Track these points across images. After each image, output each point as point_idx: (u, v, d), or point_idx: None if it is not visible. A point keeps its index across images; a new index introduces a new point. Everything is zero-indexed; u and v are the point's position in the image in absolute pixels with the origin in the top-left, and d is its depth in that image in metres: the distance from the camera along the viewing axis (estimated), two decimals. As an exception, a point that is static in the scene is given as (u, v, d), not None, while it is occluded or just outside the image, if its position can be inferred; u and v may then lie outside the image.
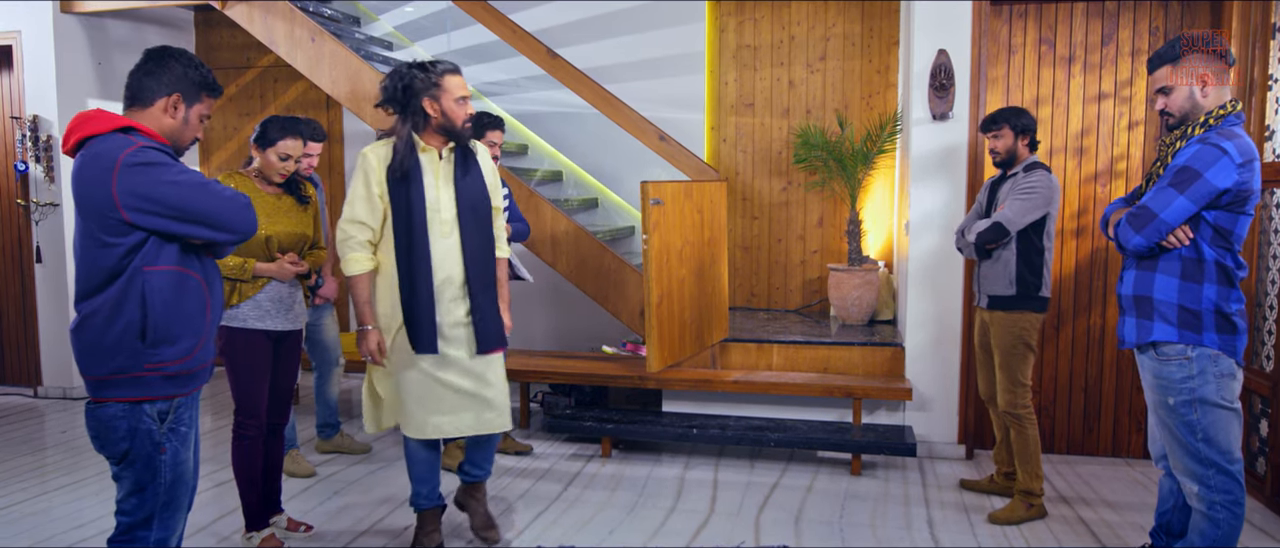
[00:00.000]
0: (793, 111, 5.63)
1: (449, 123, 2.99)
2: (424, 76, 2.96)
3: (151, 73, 2.21)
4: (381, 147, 3.00)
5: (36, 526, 3.57)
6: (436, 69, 2.98)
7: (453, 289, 3.03)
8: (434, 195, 2.99)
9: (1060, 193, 3.62)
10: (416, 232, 2.95)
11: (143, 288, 2.11)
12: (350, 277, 2.98)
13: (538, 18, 5.83)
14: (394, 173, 2.94)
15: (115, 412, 2.15)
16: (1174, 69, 2.58)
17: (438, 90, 2.96)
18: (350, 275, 2.98)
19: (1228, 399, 2.55)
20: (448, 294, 3.02)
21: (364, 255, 2.99)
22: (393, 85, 2.98)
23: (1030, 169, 3.52)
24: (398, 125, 2.99)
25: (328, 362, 4.42)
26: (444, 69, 2.99)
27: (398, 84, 2.97)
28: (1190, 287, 2.56)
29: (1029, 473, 3.59)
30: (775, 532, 3.49)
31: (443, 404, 3.06)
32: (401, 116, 2.99)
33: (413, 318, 2.97)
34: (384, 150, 2.99)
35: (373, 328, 3.01)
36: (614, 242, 5.32)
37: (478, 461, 3.33)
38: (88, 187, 2.07)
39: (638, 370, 4.59)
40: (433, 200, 2.98)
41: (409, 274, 2.96)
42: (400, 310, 3.00)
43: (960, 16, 4.26)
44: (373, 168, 2.96)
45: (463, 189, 3.04)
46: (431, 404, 3.06)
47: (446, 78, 2.98)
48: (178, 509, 2.26)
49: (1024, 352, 3.54)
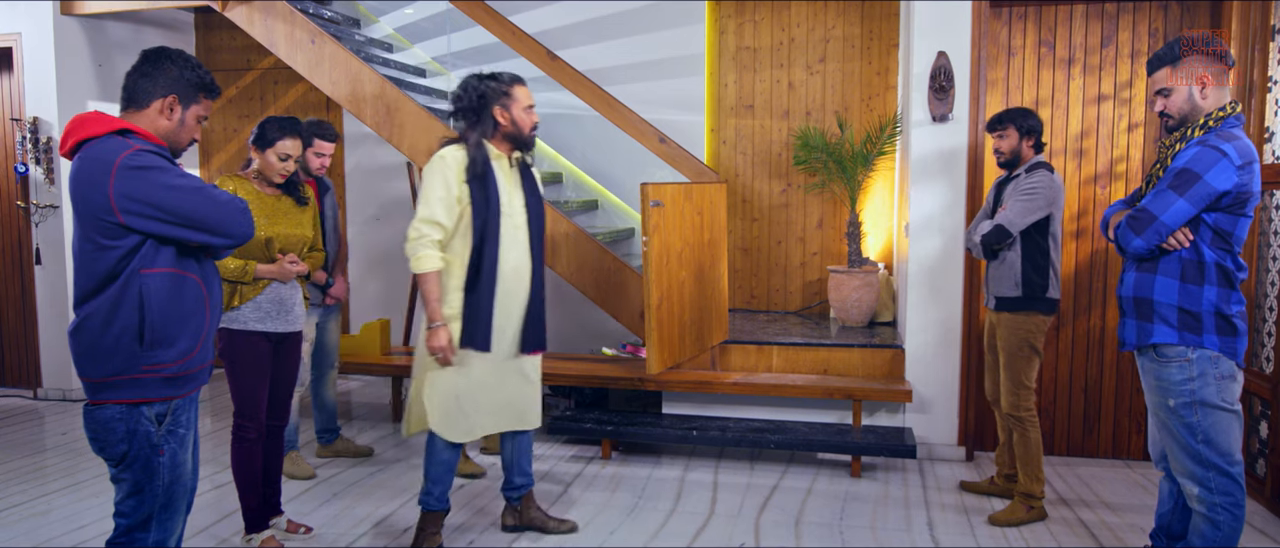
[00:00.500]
0: (792, 113, 5.63)
1: (517, 130, 3.15)
2: (495, 85, 3.12)
3: (147, 74, 2.20)
4: (457, 150, 3.09)
5: (36, 527, 3.57)
6: (505, 79, 3.15)
7: (516, 290, 3.16)
8: (507, 199, 3.12)
9: (1064, 193, 3.61)
10: (490, 232, 3.06)
11: (140, 291, 2.11)
12: (421, 274, 3.03)
13: (538, 20, 5.83)
14: (473, 175, 3.05)
15: (113, 414, 2.15)
16: (1173, 71, 2.58)
17: (507, 99, 3.12)
18: (421, 273, 3.03)
19: (1228, 401, 2.55)
20: (510, 294, 3.14)
21: (436, 254, 3.05)
22: (466, 95, 3.13)
23: (1032, 169, 3.52)
24: (468, 132, 3.12)
25: (326, 364, 4.41)
26: (512, 78, 3.16)
27: (471, 93, 3.12)
28: (1190, 289, 2.56)
29: (1030, 476, 3.59)
30: (775, 533, 3.49)
31: (488, 402, 3.18)
32: (473, 124, 3.13)
33: (475, 315, 3.07)
34: (460, 154, 3.09)
35: (443, 325, 3.05)
36: (614, 243, 5.32)
37: (524, 468, 3.44)
38: (84, 189, 2.08)
39: (637, 372, 4.59)
40: (506, 204, 3.11)
41: (477, 273, 3.06)
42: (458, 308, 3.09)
43: (960, 18, 4.26)
44: (453, 169, 3.05)
45: (530, 195, 3.22)
46: (478, 403, 3.16)
47: (515, 87, 3.15)
48: (176, 511, 2.26)
49: (1029, 354, 3.54)
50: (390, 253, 6.35)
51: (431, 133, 4.81)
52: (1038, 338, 3.53)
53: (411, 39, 6.32)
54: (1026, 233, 3.48)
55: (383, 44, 6.16)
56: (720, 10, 5.69)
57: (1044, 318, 3.53)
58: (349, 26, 6.07)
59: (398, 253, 6.32)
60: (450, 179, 3.04)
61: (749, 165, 5.71)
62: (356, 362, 5.11)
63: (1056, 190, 3.47)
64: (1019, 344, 3.53)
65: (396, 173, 6.24)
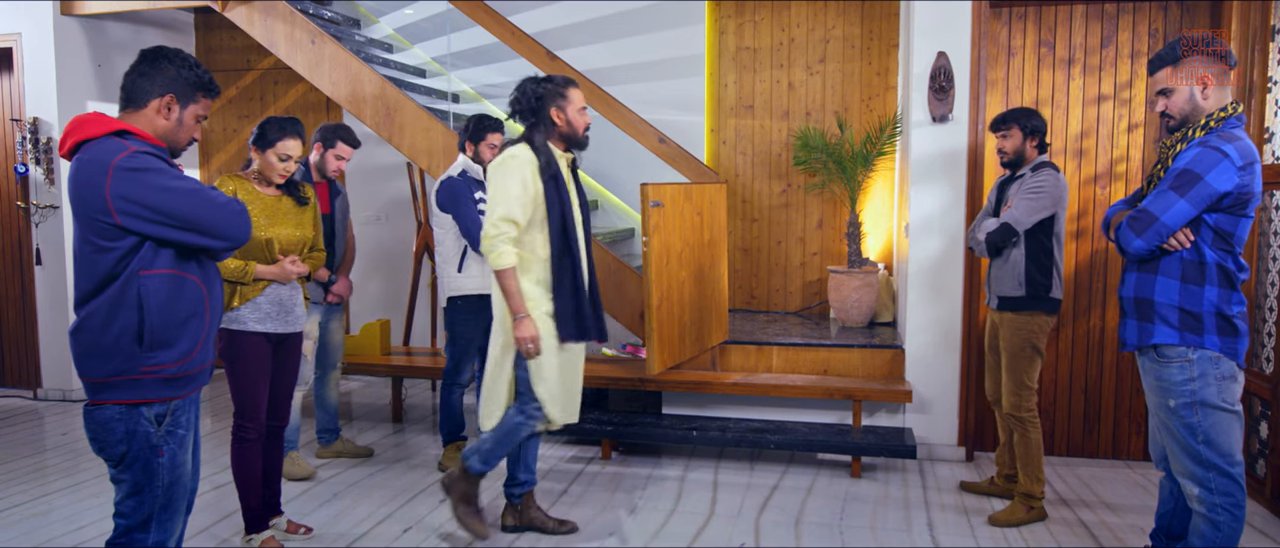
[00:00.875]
0: (792, 114, 5.63)
1: (572, 131, 3.24)
2: (551, 88, 3.20)
3: (145, 74, 2.20)
4: (526, 150, 3.18)
5: (36, 527, 3.57)
6: (559, 81, 3.24)
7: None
8: (571, 196, 3.24)
9: (1069, 192, 3.61)
10: (569, 228, 3.19)
11: (139, 292, 2.11)
12: (500, 269, 3.11)
13: (537, 20, 5.83)
14: (548, 174, 3.16)
15: (112, 414, 2.15)
16: (1174, 71, 2.58)
17: (563, 101, 3.21)
18: (501, 268, 3.11)
19: (1229, 402, 2.55)
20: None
21: (512, 250, 3.13)
22: (524, 96, 3.22)
23: (1038, 168, 3.51)
24: (532, 133, 3.20)
25: (330, 364, 4.41)
26: (566, 81, 3.25)
27: (529, 95, 3.21)
28: (1191, 289, 2.55)
29: (1030, 476, 3.59)
30: (775, 534, 3.49)
31: (577, 389, 3.33)
32: (533, 125, 3.21)
33: (571, 308, 3.20)
34: (531, 153, 3.17)
35: (528, 316, 3.13)
36: (613, 244, 5.32)
37: (530, 464, 3.49)
38: (82, 191, 2.07)
39: (638, 373, 4.59)
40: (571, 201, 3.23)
41: (566, 267, 3.19)
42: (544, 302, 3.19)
43: (960, 19, 4.26)
44: (528, 168, 3.13)
45: (580, 193, 3.34)
46: (573, 389, 3.31)
47: (569, 89, 3.24)
48: (176, 512, 2.25)
49: (1031, 355, 3.54)
50: (390, 253, 6.35)
51: (431, 133, 4.81)
52: (1040, 338, 3.53)
53: (411, 39, 6.32)
54: (1031, 232, 3.47)
55: (383, 44, 6.16)
56: (720, 10, 5.69)
57: (1047, 318, 3.53)
58: (349, 27, 6.07)
59: (398, 253, 6.32)
60: (527, 178, 3.12)
61: (749, 166, 5.71)
62: (357, 362, 5.11)
63: (1062, 189, 3.47)
64: (1021, 344, 3.53)
65: (396, 173, 6.24)
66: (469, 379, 4.26)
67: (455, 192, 4.00)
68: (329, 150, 4.10)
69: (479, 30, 5.78)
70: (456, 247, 4.07)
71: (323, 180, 4.16)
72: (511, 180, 3.10)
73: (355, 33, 5.98)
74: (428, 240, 5.56)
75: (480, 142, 4.08)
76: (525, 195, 3.11)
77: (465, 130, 4.11)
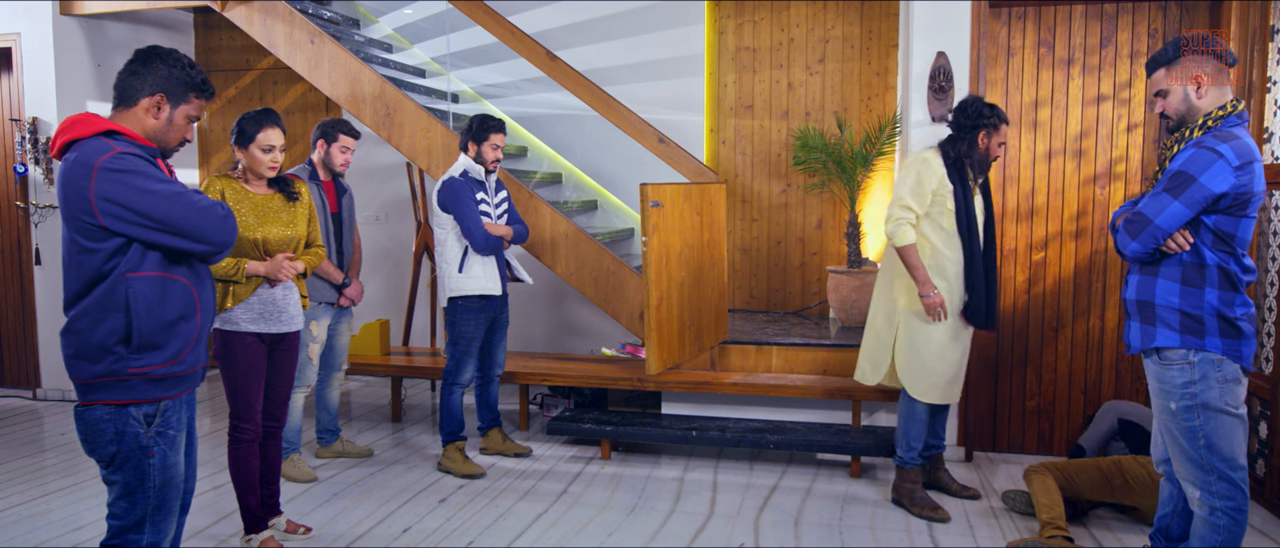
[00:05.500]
0: (792, 114, 5.63)
1: (985, 157, 3.60)
2: (991, 117, 3.53)
3: (136, 73, 2.20)
4: (935, 154, 3.60)
5: (35, 528, 3.57)
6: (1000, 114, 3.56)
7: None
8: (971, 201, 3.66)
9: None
10: (973, 227, 3.59)
11: (126, 294, 2.10)
12: (902, 246, 3.55)
13: (537, 20, 5.83)
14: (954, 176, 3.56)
15: (102, 415, 2.14)
16: (1170, 71, 2.57)
17: (993, 132, 3.55)
18: (902, 245, 3.55)
19: (1231, 405, 2.53)
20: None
21: (912, 231, 3.56)
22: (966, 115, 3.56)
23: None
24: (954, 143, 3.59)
25: (333, 366, 4.40)
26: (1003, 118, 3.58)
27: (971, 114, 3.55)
28: (1191, 291, 2.54)
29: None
30: (775, 534, 3.49)
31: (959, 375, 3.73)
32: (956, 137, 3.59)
33: (985, 298, 3.62)
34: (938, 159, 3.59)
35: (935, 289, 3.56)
36: (613, 244, 5.32)
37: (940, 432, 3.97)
38: (68, 191, 2.07)
39: (637, 373, 4.58)
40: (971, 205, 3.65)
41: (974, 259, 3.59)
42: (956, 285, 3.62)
43: (959, 19, 4.26)
44: (934, 168, 3.57)
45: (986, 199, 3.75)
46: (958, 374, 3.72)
47: (1003, 126, 3.59)
48: (169, 513, 2.24)
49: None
50: (390, 253, 6.35)
51: (431, 133, 4.81)
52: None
53: (411, 39, 6.32)
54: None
55: (382, 44, 6.16)
56: (720, 10, 5.69)
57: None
58: (348, 27, 6.07)
59: (397, 253, 6.32)
60: (924, 175, 3.55)
61: (748, 166, 5.71)
62: (357, 362, 5.10)
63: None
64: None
65: (396, 173, 6.24)
66: (469, 379, 4.25)
67: (456, 192, 4.00)
68: (332, 145, 4.09)
69: (478, 30, 5.77)
70: (458, 247, 4.07)
71: (329, 178, 4.15)
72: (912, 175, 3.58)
73: (355, 33, 5.98)
74: (427, 240, 5.56)
75: (483, 142, 4.07)
76: (921, 189, 3.55)
77: (468, 130, 4.10)
